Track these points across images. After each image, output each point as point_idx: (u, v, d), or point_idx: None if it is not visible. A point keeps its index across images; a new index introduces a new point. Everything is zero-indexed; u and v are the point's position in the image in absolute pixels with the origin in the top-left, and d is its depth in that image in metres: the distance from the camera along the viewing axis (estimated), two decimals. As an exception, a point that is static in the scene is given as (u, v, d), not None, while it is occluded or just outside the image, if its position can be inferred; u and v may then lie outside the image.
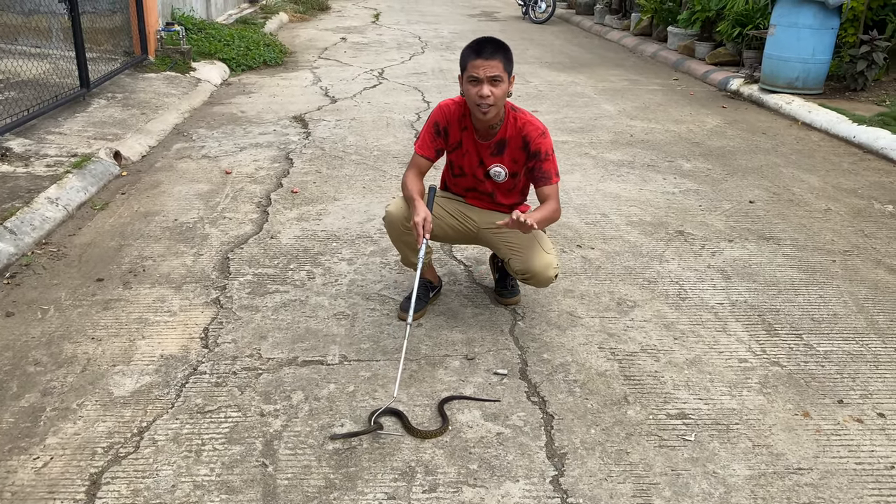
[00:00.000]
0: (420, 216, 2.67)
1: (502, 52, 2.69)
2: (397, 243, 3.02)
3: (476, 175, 2.94)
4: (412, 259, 3.04)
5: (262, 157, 5.18)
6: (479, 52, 2.66)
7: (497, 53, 2.67)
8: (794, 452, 2.30)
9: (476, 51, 2.68)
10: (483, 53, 2.66)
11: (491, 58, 2.65)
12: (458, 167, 2.98)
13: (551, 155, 2.85)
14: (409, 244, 2.98)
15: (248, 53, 8.59)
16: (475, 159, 2.91)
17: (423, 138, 2.90)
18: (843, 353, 2.86)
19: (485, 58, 2.65)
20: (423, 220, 2.66)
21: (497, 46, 2.69)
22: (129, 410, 2.44)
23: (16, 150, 4.69)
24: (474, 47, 2.70)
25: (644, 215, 4.25)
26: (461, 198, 3.05)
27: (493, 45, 2.69)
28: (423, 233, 2.64)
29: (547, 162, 2.83)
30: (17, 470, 2.16)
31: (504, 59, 2.68)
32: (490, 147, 2.86)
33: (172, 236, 3.83)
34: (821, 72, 6.99)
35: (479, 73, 2.64)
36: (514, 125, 2.83)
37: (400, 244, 3.01)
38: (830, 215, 4.30)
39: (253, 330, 2.95)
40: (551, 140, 2.86)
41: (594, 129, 6.16)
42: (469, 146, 2.89)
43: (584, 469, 2.21)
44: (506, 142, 2.84)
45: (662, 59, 9.72)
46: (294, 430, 2.35)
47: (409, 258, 3.05)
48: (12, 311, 3.05)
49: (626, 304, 3.21)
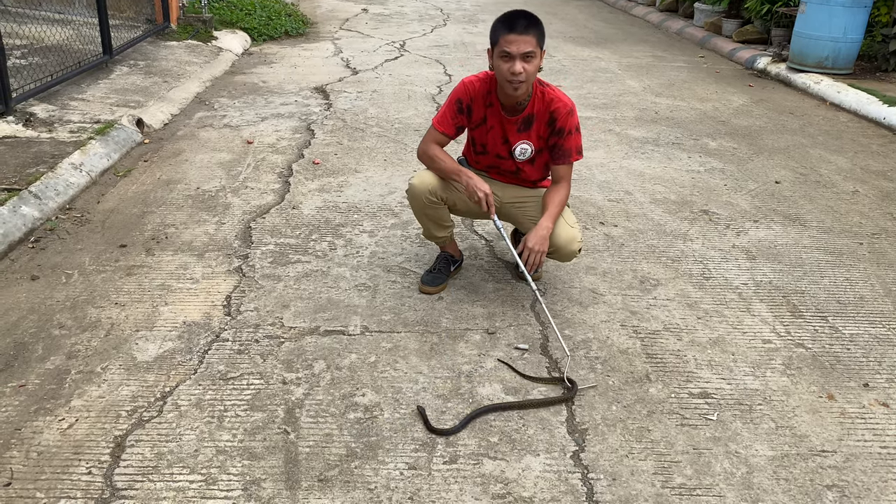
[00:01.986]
0: (482, 190, 2.70)
1: (535, 26, 2.60)
2: (420, 216, 2.99)
3: (499, 153, 2.89)
4: (435, 233, 3.03)
5: (284, 128, 5.16)
6: (512, 27, 2.57)
7: (531, 28, 2.58)
8: (818, 434, 2.28)
9: (508, 25, 2.58)
10: (516, 28, 2.56)
11: (525, 33, 2.56)
12: (480, 144, 2.93)
13: (575, 132, 2.80)
14: (433, 218, 2.96)
15: (269, 23, 8.54)
16: (499, 136, 2.85)
17: (443, 114, 2.85)
18: (869, 337, 2.82)
19: (518, 32, 2.56)
20: (484, 195, 2.69)
21: (530, 20, 2.59)
22: (152, 375, 2.46)
23: (40, 115, 4.71)
24: (506, 21, 2.60)
25: (668, 193, 4.20)
26: (483, 173, 3.01)
27: (526, 18, 2.58)
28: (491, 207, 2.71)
29: (569, 140, 2.78)
30: (42, 431, 2.19)
31: (537, 34, 2.60)
32: (517, 123, 2.80)
33: (195, 204, 3.83)
34: (851, 51, 6.84)
35: (512, 48, 2.56)
36: (541, 100, 2.76)
37: (423, 217, 2.99)
38: (858, 197, 4.23)
39: (275, 299, 2.95)
40: (577, 117, 2.81)
41: (618, 106, 6.08)
42: (494, 122, 2.83)
43: (605, 445, 2.20)
44: (533, 117, 2.79)
45: (688, 35, 9.55)
46: (316, 399, 2.36)
47: (432, 232, 3.04)
48: (37, 275, 3.07)
49: (649, 283, 3.18)
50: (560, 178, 2.83)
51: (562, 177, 2.83)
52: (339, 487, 2.01)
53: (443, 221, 2.99)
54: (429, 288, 3.04)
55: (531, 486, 2.04)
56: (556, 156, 2.82)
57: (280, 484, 2.02)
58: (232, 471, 2.06)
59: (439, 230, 3.03)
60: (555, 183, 2.85)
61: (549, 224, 2.74)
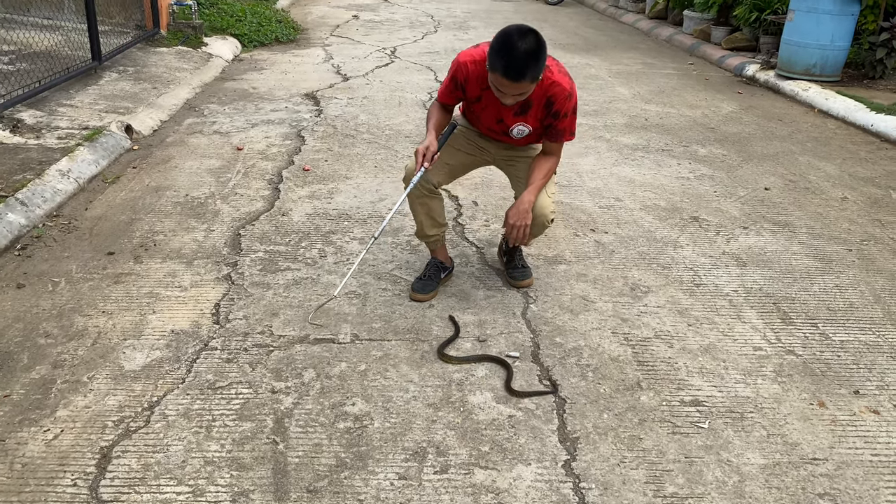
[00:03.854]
0: (424, 145, 2.76)
1: (532, 69, 2.46)
2: (413, 204, 2.99)
3: (491, 128, 2.90)
4: (427, 230, 3.06)
5: (274, 134, 5.14)
6: (506, 73, 2.46)
7: (526, 75, 2.46)
8: (810, 442, 2.28)
9: (504, 70, 2.46)
10: (509, 75, 2.46)
11: (518, 81, 2.47)
12: (475, 116, 2.93)
13: (571, 115, 2.77)
14: (427, 208, 2.98)
15: (260, 29, 8.52)
16: (493, 116, 2.83)
17: (445, 86, 2.87)
18: (859, 344, 2.83)
19: (511, 80, 2.47)
20: (425, 149, 2.74)
21: (527, 64, 2.44)
22: (139, 385, 2.43)
23: (27, 121, 4.67)
24: (503, 64, 2.45)
25: (658, 200, 4.21)
26: (477, 132, 3.02)
27: (522, 63, 2.43)
28: (421, 161, 2.74)
29: (564, 122, 2.77)
30: (27, 442, 2.16)
31: (532, 78, 2.49)
32: (513, 108, 2.76)
33: (183, 211, 3.80)
34: (839, 59, 6.89)
35: (504, 90, 2.54)
36: (540, 85, 2.66)
37: (416, 205, 2.98)
38: (847, 204, 4.25)
39: (264, 307, 2.93)
40: (576, 99, 2.77)
41: (608, 113, 6.10)
42: (489, 103, 2.79)
43: (597, 454, 2.19)
44: (530, 103, 2.73)
45: (677, 42, 9.60)
46: (305, 408, 2.34)
47: (424, 229, 3.05)
48: (23, 283, 3.04)
49: (640, 290, 3.18)
50: (549, 153, 2.87)
51: (551, 152, 2.87)
52: (329, 499, 1.99)
53: (435, 216, 3.01)
54: (419, 295, 3.03)
55: (522, 496, 2.02)
56: (548, 134, 2.84)
57: (269, 495, 1.99)
58: (220, 482, 2.03)
59: (431, 227, 3.04)
60: (544, 153, 2.89)
61: (531, 198, 2.79)
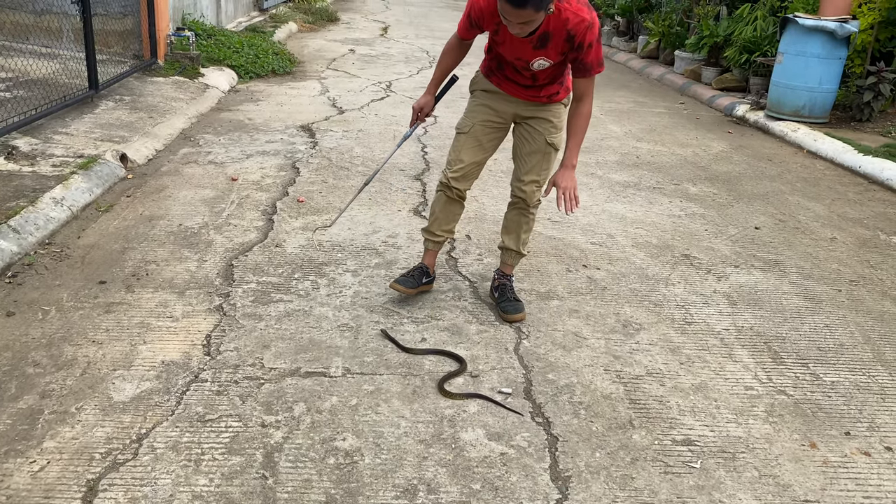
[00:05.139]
0: (419, 104, 3.18)
1: None
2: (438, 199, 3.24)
3: (515, 66, 2.90)
4: (434, 228, 3.28)
5: (269, 165, 5.17)
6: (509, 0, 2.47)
7: (528, 3, 2.45)
8: (801, 484, 2.27)
9: None
10: (511, 1, 2.46)
11: (520, 7, 2.46)
12: (500, 56, 2.93)
13: (596, 44, 2.74)
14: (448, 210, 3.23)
15: (256, 61, 8.60)
16: (513, 52, 2.83)
17: (462, 21, 2.91)
18: (849, 384, 2.84)
19: (513, 6, 2.47)
20: (419, 108, 3.18)
21: None
22: (128, 416, 2.41)
23: (22, 148, 4.68)
24: None
25: (650, 237, 4.24)
26: (498, 91, 3.04)
27: None
28: (415, 119, 3.21)
29: (590, 53, 2.74)
30: (12, 473, 2.12)
31: (535, 6, 2.46)
32: (532, 41, 2.74)
33: (176, 241, 3.80)
34: (827, 101, 7.02)
35: (508, 17, 2.54)
36: (557, 17, 2.63)
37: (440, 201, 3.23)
38: (836, 244, 4.29)
39: (256, 339, 2.92)
40: (598, 29, 2.75)
41: (600, 150, 6.17)
42: (506, 38, 2.79)
43: (589, 493, 2.18)
44: (549, 35, 2.69)
45: (669, 82, 9.75)
46: (295, 443, 2.32)
47: (434, 227, 3.27)
48: (13, 311, 3.02)
49: (632, 327, 3.19)
50: (582, 95, 2.88)
51: (583, 92, 2.87)
52: (318, 535, 1.96)
53: (451, 218, 3.26)
54: (400, 287, 3.17)
55: (514, 536, 2.00)
56: (576, 69, 2.83)
57: (257, 531, 1.97)
58: (208, 517, 2.00)
59: (441, 225, 3.26)
60: (576, 100, 2.90)
61: (574, 161, 2.92)
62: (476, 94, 3.15)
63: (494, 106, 3.09)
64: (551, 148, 3.08)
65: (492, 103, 3.09)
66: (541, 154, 3.08)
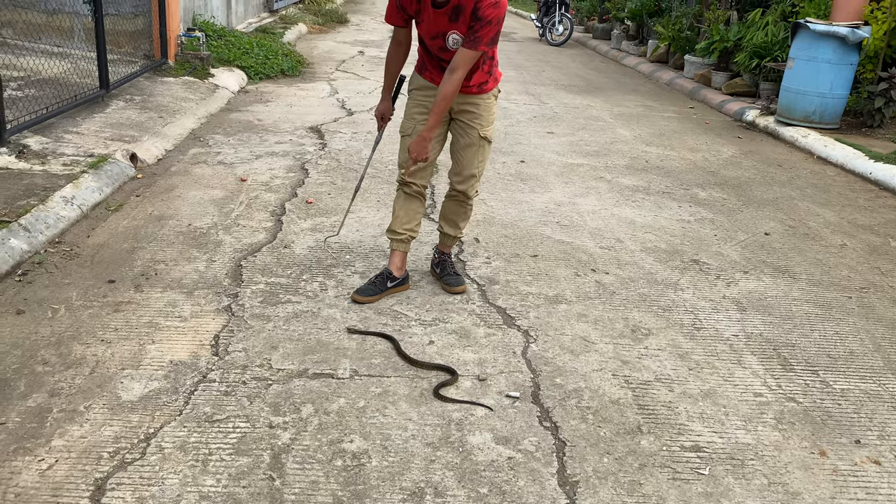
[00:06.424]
0: (380, 111, 3.39)
1: None
2: (397, 198, 3.38)
3: (438, 45, 3.03)
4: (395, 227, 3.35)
5: (278, 166, 5.18)
6: None
7: None
8: (811, 492, 2.25)
9: None
10: None
11: None
12: (420, 39, 3.11)
13: (494, 24, 2.86)
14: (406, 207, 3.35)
15: (266, 62, 8.63)
16: (431, 31, 3.00)
17: (388, 10, 3.10)
18: (859, 392, 2.82)
19: None
20: (381, 115, 3.38)
21: None
22: (136, 415, 2.41)
23: (33, 147, 4.70)
24: None
25: (659, 242, 4.22)
26: (431, 86, 3.16)
27: None
28: (380, 124, 3.40)
29: (485, 28, 2.85)
30: (21, 471, 2.13)
31: None
32: (447, 13, 2.91)
33: (186, 241, 3.81)
34: (838, 107, 6.98)
35: None
36: None
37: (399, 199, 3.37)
38: (846, 251, 4.27)
39: (264, 339, 2.92)
40: (503, 13, 2.88)
41: (609, 154, 6.15)
42: (427, 15, 2.97)
43: (597, 499, 2.17)
44: (461, 8, 2.88)
45: (678, 86, 9.73)
46: (303, 444, 2.32)
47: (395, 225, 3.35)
48: (23, 309, 3.03)
49: (641, 332, 3.17)
50: (456, 66, 2.94)
51: (458, 65, 2.94)
52: (325, 537, 1.96)
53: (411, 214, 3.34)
54: (360, 297, 3.25)
55: (521, 540, 1.99)
56: (466, 38, 2.91)
57: (264, 533, 1.97)
58: (215, 518, 2.00)
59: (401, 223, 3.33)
60: (449, 71, 2.96)
61: (426, 133, 3.06)
62: (412, 95, 3.29)
63: (430, 104, 3.16)
64: (485, 141, 3.25)
65: (427, 101, 3.19)
66: (475, 147, 3.24)
